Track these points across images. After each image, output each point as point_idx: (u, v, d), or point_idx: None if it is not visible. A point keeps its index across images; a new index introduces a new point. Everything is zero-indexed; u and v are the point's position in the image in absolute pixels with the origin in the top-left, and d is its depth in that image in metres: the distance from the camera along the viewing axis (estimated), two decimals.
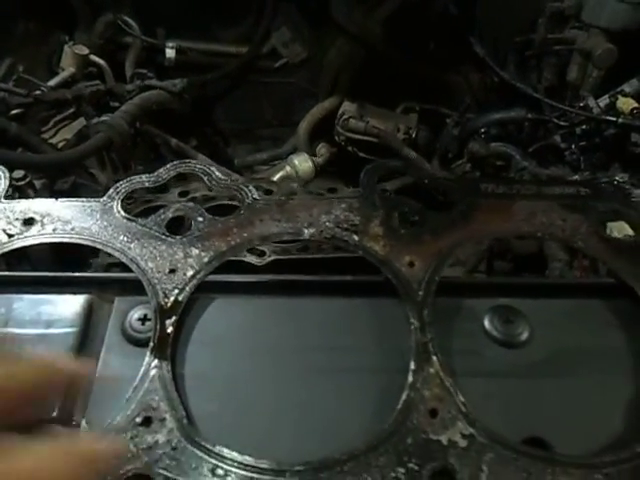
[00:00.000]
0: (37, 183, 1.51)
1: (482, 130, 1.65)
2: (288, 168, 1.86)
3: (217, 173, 0.85)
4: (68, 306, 0.71)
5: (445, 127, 1.89)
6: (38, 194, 1.51)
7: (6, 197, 1.36)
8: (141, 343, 0.67)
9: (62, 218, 0.78)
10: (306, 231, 0.77)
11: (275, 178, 1.86)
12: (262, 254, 1.40)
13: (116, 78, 1.89)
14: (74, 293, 0.73)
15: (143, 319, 0.69)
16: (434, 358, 0.62)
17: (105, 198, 0.81)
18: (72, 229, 0.77)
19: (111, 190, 0.82)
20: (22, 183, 1.40)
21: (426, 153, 1.84)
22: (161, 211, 0.81)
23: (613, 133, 1.48)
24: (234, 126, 2.19)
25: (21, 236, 0.76)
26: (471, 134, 1.70)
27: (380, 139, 1.75)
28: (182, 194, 1.59)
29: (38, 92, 1.50)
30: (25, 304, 0.71)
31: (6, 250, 0.74)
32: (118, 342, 0.69)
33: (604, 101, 1.51)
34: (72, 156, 1.37)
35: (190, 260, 0.73)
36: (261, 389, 0.66)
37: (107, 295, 0.73)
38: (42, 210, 0.79)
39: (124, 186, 0.83)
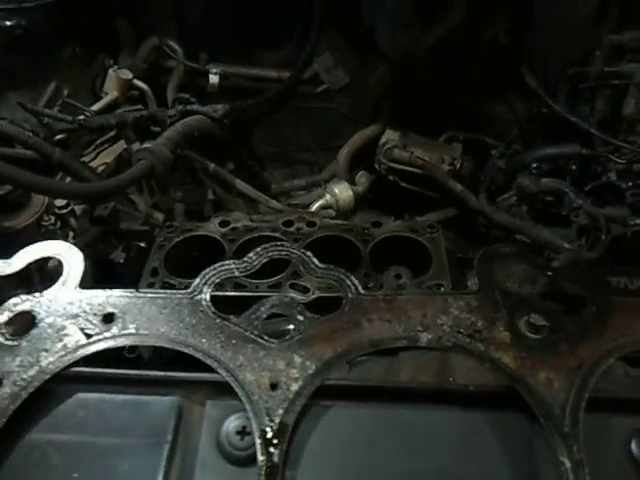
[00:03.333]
0: (77, 209, 1.50)
1: (533, 165, 1.59)
2: (328, 196, 1.82)
3: (314, 260, 0.81)
4: (155, 410, 0.64)
5: (490, 158, 1.83)
6: (78, 221, 1.49)
7: (49, 227, 1.35)
8: (241, 462, 0.60)
9: (145, 314, 0.71)
10: (423, 336, 0.68)
11: (314, 207, 1.82)
12: (306, 290, 1.37)
13: (157, 100, 1.88)
14: (160, 394, 0.66)
15: (242, 432, 0.62)
16: None
17: (192, 289, 0.75)
18: (157, 329, 0.69)
19: (198, 280, 0.76)
20: (65, 211, 1.38)
21: (470, 185, 1.78)
22: (254, 308, 0.75)
23: None
24: (271, 149, 2.17)
25: (101, 336, 0.69)
26: (521, 168, 1.64)
27: (425, 170, 1.70)
28: (222, 224, 1.57)
29: (82, 117, 1.49)
30: (106, 406, 0.65)
31: (86, 354, 0.68)
32: (214, 459, 0.61)
33: None
34: (115, 184, 1.34)
35: (293, 371, 0.65)
36: None
37: (197, 397, 0.67)
38: (122, 304, 0.73)
39: (211, 274, 0.78)
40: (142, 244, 1.50)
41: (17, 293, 0.78)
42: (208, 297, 0.73)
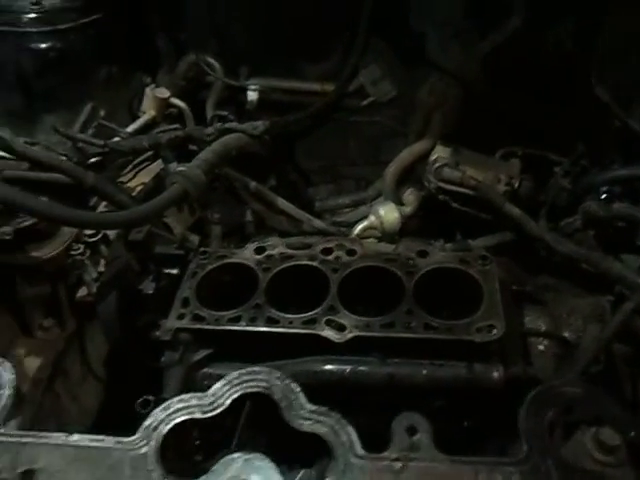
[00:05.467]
0: (110, 233, 1.46)
1: (603, 188, 1.41)
2: (373, 218, 1.71)
3: (301, 397, 0.58)
4: None
5: (553, 177, 1.66)
6: (111, 246, 1.45)
7: (76, 257, 1.31)
8: None
9: (73, 475, 0.54)
10: None
11: (358, 228, 1.71)
12: (342, 328, 1.26)
13: (196, 117, 1.83)
14: None
15: None
16: None
17: (137, 437, 0.56)
18: None
19: (148, 421, 0.57)
20: (95, 239, 1.34)
21: (529, 206, 1.61)
22: (216, 470, 0.55)
23: None
24: (317, 164, 2.08)
25: None
26: (588, 190, 1.47)
27: (478, 192, 1.55)
28: (258, 250, 1.48)
29: (114, 141, 1.44)
30: None
31: None
32: None
33: None
34: (147, 212, 1.29)
35: None
36: None
37: None
38: (48, 457, 0.55)
39: (164, 415, 0.59)
40: (175, 271, 1.44)
41: None
42: (157, 448, 0.56)
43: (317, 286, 1.37)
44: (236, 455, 0.57)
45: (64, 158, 1.39)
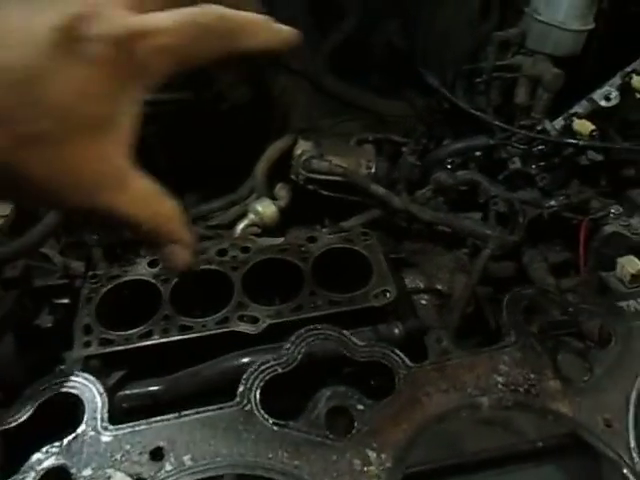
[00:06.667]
0: None
1: (448, 160, 1.67)
2: (252, 215, 1.79)
3: (353, 339, 0.78)
4: None
5: (402, 156, 1.90)
6: None
7: None
8: None
9: (197, 440, 0.65)
10: (483, 401, 0.70)
11: (239, 228, 1.78)
12: (255, 320, 1.34)
13: None
14: None
15: None
16: None
17: (236, 401, 0.70)
18: (216, 454, 0.64)
19: (241, 388, 0.72)
20: None
21: (387, 184, 1.83)
22: (311, 406, 0.71)
23: (571, 153, 1.56)
24: (181, 173, 2.07)
25: (158, 478, 0.62)
26: (435, 164, 1.72)
27: (346, 178, 1.72)
28: (151, 264, 1.48)
29: None
30: None
31: None
32: None
33: (559, 123, 1.58)
34: (29, 243, 1.22)
35: (372, 469, 0.63)
36: None
37: None
38: (167, 433, 0.66)
39: (253, 378, 0.73)
40: (65, 300, 1.38)
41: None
42: (259, 402, 0.70)
43: (220, 287, 1.42)
44: (324, 390, 0.65)
45: None
